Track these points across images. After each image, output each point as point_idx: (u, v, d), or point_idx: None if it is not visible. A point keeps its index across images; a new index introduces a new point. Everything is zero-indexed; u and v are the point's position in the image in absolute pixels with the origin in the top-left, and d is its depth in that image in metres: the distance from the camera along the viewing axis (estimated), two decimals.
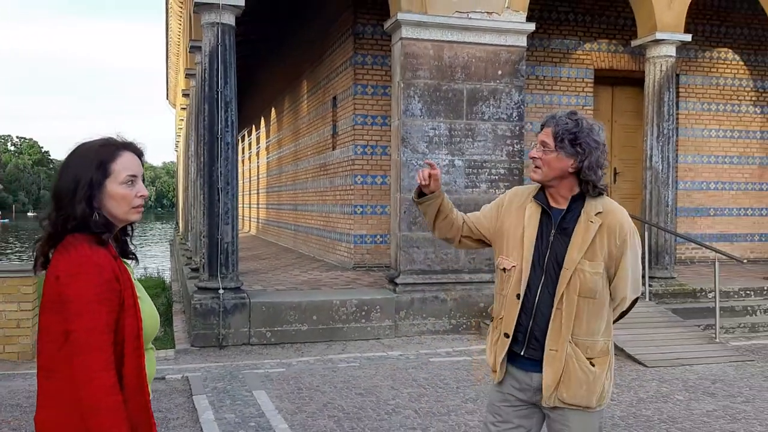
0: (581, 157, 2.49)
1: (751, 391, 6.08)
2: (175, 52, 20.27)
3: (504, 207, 2.68)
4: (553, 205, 2.59)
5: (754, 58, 12.60)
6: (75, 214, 1.96)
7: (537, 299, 2.53)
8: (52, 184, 2.09)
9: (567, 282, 2.49)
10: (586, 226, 2.51)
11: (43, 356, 1.98)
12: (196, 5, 7.83)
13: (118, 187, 2.01)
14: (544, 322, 2.52)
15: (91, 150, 2.03)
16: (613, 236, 2.51)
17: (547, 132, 2.52)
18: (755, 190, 12.78)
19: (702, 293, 9.20)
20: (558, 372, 2.49)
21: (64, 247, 1.95)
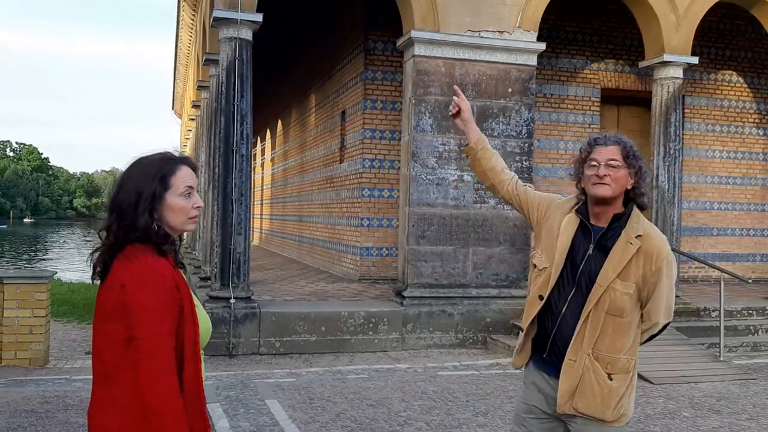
0: (639, 176, 2.60)
1: (755, 408, 6.17)
2: (184, 63, 20.46)
3: (553, 206, 2.77)
4: (593, 223, 2.65)
5: (758, 81, 12.77)
6: (138, 225, 2.04)
7: (564, 309, 2.59)
8: (111, 196, 2.15)
9: (597, 298, 2.55)
10: (625, 246, 2.57)
11: (102, 363, 2.04)
12: (215, 20, 7.98)
13: (177, 199, 2.10)
14: (567, 332, 2.58)
15: (153, 164, 2.12)
16: (650, 261, 2.55)
17: (613, 150, 2.58)
18: (758, 210, 12.91)
19: (706, 312, 9.29)
20: (574, 382, 2.56)
21: (126, 257, 2.02)
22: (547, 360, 2.66)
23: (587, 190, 2.62)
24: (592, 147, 2.63)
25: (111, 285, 2.02)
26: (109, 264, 2.06)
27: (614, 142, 2.62)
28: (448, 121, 8.52)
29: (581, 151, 2.67)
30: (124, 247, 2.04)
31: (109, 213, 2.10)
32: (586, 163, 2.62)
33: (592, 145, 2.64)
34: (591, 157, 2.61)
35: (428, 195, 8.42)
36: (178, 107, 28.75)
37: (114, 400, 2.01)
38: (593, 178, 2.58)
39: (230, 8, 7.94)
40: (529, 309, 2.69)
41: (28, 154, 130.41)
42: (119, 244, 2.05)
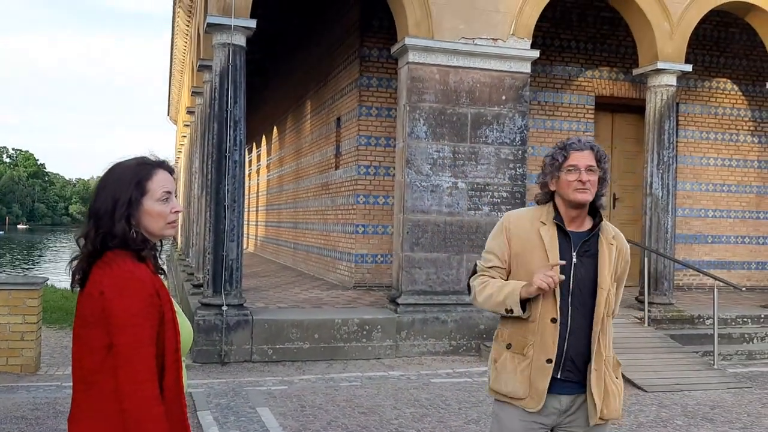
0: (604, 179, 2.65)
1: (749, 417, 6.15)
2: (179, 70, 20.46)
3: (510, 232, 2.68)
4: (572, 229, 2.64)
5: (752, 89, 12.81)
6: (115, 232, 2.01)
7: (570, 321, 2.57)
8: (88, 203, 2.13)
9: (603, 302, 2.57)
10: (609, 248, 2.62)
11: (81, 370, 2.02)
12: (208, 26, 7.97)
13: (154, 204, 2.07)
14: (580, 344, 2.57)
15: (128, 169, 2.09)
16: (622, 258, 2.68)
17: (589, 155, 2.59)
18: (752, 218, 12.92)
19: (700, 320, 9.28)
20: (601, 390, 2.58)
21: (105, 264, 2.00)
22: (561, 379, 2.59)
23: (567, 195, 2.60)
24: (568, 152, 2.61)
25: (90, 292, 2.00)
26: (87, 271, 2.04)
27: (589, 146, 2.63)
28: (442, 128, 8.52)
29: (555, 156, 2.63)
30: (102, 254, 2.02)
31: (87, 220, 2.08)
32: (563, 169, 2.60)
33: (568, 150, 2.61)
34: (570, 163, 2.59)
35: (423, 202, 8.41)
36: (173, 113, 28.73)
37: (94, 407, 1.99)
38: (576, 183, 2.57)
39: (224, 14, 7.93)
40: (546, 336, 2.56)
41: (25, 160, 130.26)
42: (97, 252, 2.03)
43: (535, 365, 2.58)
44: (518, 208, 2.82)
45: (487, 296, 2.65)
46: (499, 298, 2.60)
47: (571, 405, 2.61)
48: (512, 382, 2.62)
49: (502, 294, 2.60)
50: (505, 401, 2.65)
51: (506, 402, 2.65)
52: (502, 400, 2.67)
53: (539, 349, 2.57)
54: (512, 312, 2.57)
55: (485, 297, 2.66)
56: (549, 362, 2.56)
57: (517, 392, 2.60)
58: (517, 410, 2.62)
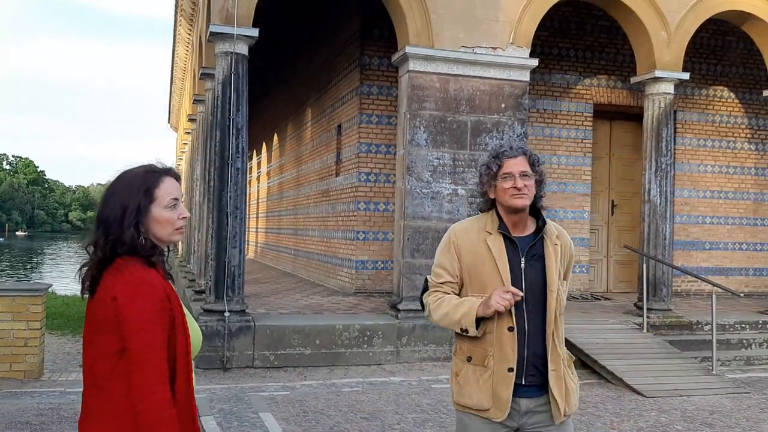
0: (541, 181, 2.71)
1: (747, 422, 6.20)
2: (180, 77, 20.56)
3: (458, 246, 2.72)
4: (516, 234, 2.70)
5: (749, 97, 12.91)
6: (124, 239, 2.06)
7: (527, 327, 2.62)
8: (97, 211, 2.17)
9: (554, 304, 2.65)
10: (554, 249, 2.69)
11: (93, 375, 2.06)
12: (211, 35, 8.06)
13: (162, 211, 2.11)
14: (538, 347, 2.63)
15: (136, 177, 2.13)
16: (566, 255, 2.76)
17: (522, 161, 2.66)
18: (750, 225, 13.00)
19: (698, 326, 9.34)
20: (563, 389, 2.65)
21: (116, 270, 2.04)
22: (524, 385, 2.64)
23: (505, 202, 2.66)
24: (501, 160, 2.68)
25: (102, 298, 2.04)
26: (97, 278, 2.07)
27: (521, 152, 2.70)
28: (442, 136, 8.60)
29: (490, 165, 2.70)
30: (112, 261, 2.06)
31: (96, 228, 2.11)
32: (498, 177, 2.66)
33: (501, 158, 2.68)
34: (504, 171, 2.65)
35: (423, 208, 8.48)
36: (174, 121, 28.82)
37: (106, 411, 2.03)
38: (511, 190, 2.63)
39: (226, 23, 8.02)
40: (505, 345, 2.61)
41: (24, 167, 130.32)
42: (107, 258, 2.06)
43: (497, 375, 2.62)
44: (462, 220, 2.83)
45: (442, 315, 2.67)
46: (455, 318, 2.64)
47: (533, 406, 2.65)
48: (476, 395, 2.65)
49: (457, 313, 2.63)
50: (470, 413, 2.68)
51: (471, 413, 2.68)
52: (467, 412, 2.70)
53: (499, 359, 2.62)
54: (467, 332, 2.62)
55: (441, 315, 2.68)
56: (510, 371, 2.60)
57: (481, 404, 2.64)
58: (482, 420, 2.66)
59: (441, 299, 2.70)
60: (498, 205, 2.70)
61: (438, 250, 2.80)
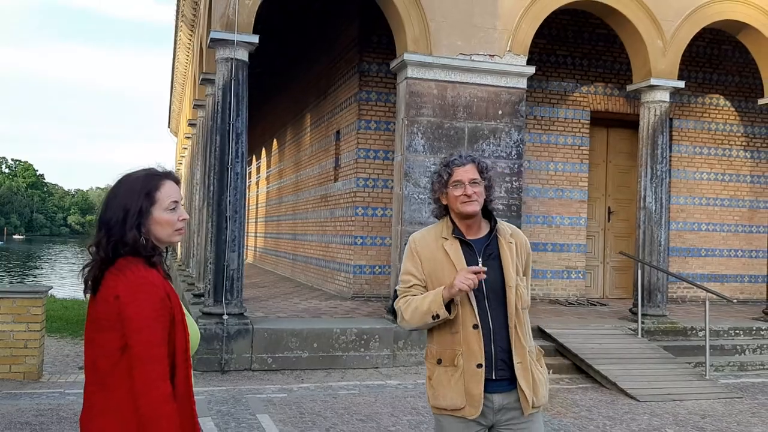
0: (490, 186, 2.85)
1: (739, 426, 6.28)
2: (180, 82, 20.68)
3: (419, 254, 2.83)
4: (471, 237, 2.82)
5: (745, 105, 13.03)
6: (127, 240, 2.14)
7: (491, 323, 2.74)
8: (99, 213, 2.24)
9: (513, 298, 2.76)
10: (509, 247, 2.82)
11: (96, 372, 2.14)
12: (212, 41, 8.16)
13: (163, 213, 2.20)
14: (504, 342, 2.75)
15: (138, 180, 2.22)
16: (523, 251, 2.87)
17: (471, 169, 2.79)
18: (745, 232, 13.10)
19: (692, 331, 9.42)
20: (530, 381, 2.75)
21: (119, 270, 2.13)
22: (496, 380, 2.74)
23: (456, 208, 2.79)
24: (451, 168, 2.80)
25: (105, 297, 2.11)
26: (100, 277, 2.15)
27: (470, 160, 2.82)
28: (440, 142, 8.70)
29: (441, 173, 2.82)
30: (115, 261, 2.14)
31: (98, 229, 2.19)
32: (449, 185, 2.79)
33: (451, 167, 2.81)
34: (455, 179, 2.78)
35: (420, 214, 8.57)
36: (173, 125, 28.94)
37: (109, 406, 2.10)
38: (462, 197, 2.76)
39: (227, 30, 8.12)
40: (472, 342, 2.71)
41: (23, 171, 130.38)
42: (110, 259, 2.14)
43: (468, 373, 2.71)
44: (421, 229, 2.94)
45: (413, 310, 2.75)
46: (423, 308, 2.71)
47: (505, 402, 2.75)
48: (450, 395, 2.74)
49: (425, 303, 2.71)
50: (446, 414, 2.77)
51: (447, 415, 2.76)
52: (443, 414, 2.78)
53: (468, 357, 2.72)
54: (439, 317, 2.69)
55: (411, 312, 2.75)
56: (479, 367, 2.71)
57: (455, 404, 2.72)
58: (458, 419, 2.74)
59: (409, 300, 2.79)
60: (451, 211, 2.84)
61: (403, 259, 2.92)
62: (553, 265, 11.92)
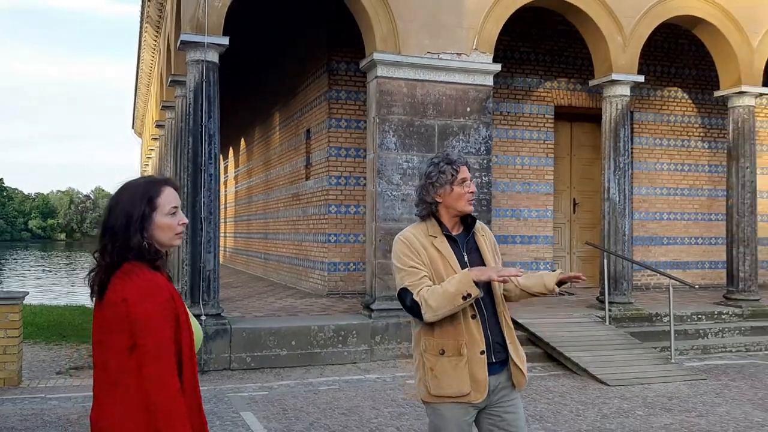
0: None
1: (704, 406, 6.59)
2: (145, 83, 20.49)
3: (415, 248, 2.95)
4: (455, 233, 3.04)
5: (702, 97, 13.47)
6: (131, 245, 2.25)
7: (485, 311, 2.95)
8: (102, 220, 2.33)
9: (497, 287, 3.01)
10: (483, 240, 3.07)
11: (107, 372, 2.24)
12: (182, 43, 8.19)
13: (164, 218, 2.31)
14: (496, 327, 2.98)
15: (139, 187, 2.33)
16: (493, 243, 3.14)
17: (465, 169, 2.97)
18: (705, 220, 13.56)
19: (657, 317, 9.78)
20: (520, 357, 3.03)
21: (125, 274, 2.23)
22: (494, 363, 2.94)
23: (459, 206, 2.95)
24: (457, 166, 2.95)
25: (112, 300, 2.21)
26: (106, 282, 2.24)
27: (464, 161, 2.99)
28: (411, 140, 8.87)
29: (445, 171, 2.93)
30: (120, 266, 2.24)
31: (102, 236, 2.28)
32: (456, 182, 2.93)
33: (456, 165, 2.95)
34: (461, 177, 2.93)
35: (394, 210, 8.74)
36: (138, 126, 28.62)
37: (120, 402, 2.21)
38: (467, 195, 2.94)
39: (197, 32, 8.16)
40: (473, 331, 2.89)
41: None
42: (115, 263, 2.24)
43: (472, 361, 2.88)
44: (403, 231, 3.06)
45: (439, 296, 2.79)
46: (451, 289, 2.78)
47: (498, 382, 2.98)
48: (455, 382, 2.87)
49: (452, 285, 2.78)
50: (448, 402, 2.89)
51: (449, 402, 2.89)
52: (444, 402, 2.91)
53: (471, 345, 2.89)
54: (470, 296, 2.76)
55: (438, 297, 2.79)
56: (482, 353, 2.90)
57: (462, 390, 2.87)
58: (459, 405, 2.89)
59: (431, 288, 2.84)
60: (442, 209, 2.97)
61: (399, 257, 2.97)
62: (521, 256, 12.20)
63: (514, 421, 2.99)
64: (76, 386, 7.16)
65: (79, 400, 6.54)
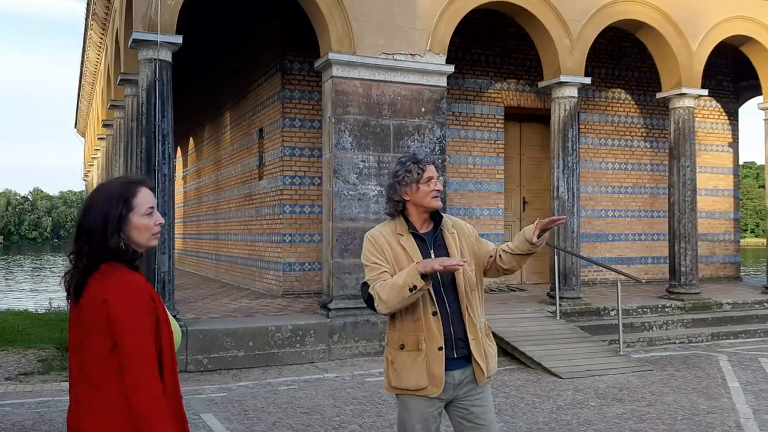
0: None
1: (653, 396, 6.87)
2: (90, 82, 19.95)
3: (380, 245, 3.06)
4: (423, 231, 3.13)
5: (644, 98, 13.96)
6: (109, 246, 2.23)
7: (448, 308, 3.04)
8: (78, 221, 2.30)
9: (462, 282, 3.06)
10: (452, 237, 3.13)
11: (85, 374, 2.22)
12: (134, 42, 8.05)
13: (140, 219, 2.30)
14: (460, 324, 3.05)
15: (115, 188, 2.32)
16: (467, 236, 3.16)
17: (432, 168, 3.09)
18: (647, 217, 14.06)
19: (605, 311, 10.11)
20: (482, 354, 3.07)
21: (103, 275, 2.21)
22: (456, 358, 3.03)
23: (426, 203, 3.07)
24: (424, 165, 3.08)
25: (91, 301, 2.20)
26: (82, 283, 2.23)
27: (431, 161, 3.12)
28: (367, 139, 8.93)
29: (411, 170, 3.05)
30: (98, 267, 2.22)
31: (78, 238, 2.26)
32: (422, 181, 3.05)
33: (423, 164, 3.08)
34: (428, 175, 3.06)
35: (350, 210, 8.78)
36: (81, 126, 27.83)
37: (102, 405, 2.20)
38: (433, 192, 3.06)
39: (150, 30, 8.04)
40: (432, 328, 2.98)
41: None
42: (93, 265, 2.22)
43: (430, 356, 2.99)
44: (372, 229, 3.17)
45: (389, 289, 2.89)
46: (399, 282, 2.88)
47: (463, 377, 3.07)
48: (413, 376, 3.00)
49: (400, 279, 2.88)
50: (410, 394, 3.03)
51: (410, 394, 3.03)
52: (406, 393, 3.05)
53: (429, 341, 2.99)
54: (417, 288, 2.84)
55: (388, 290, 2.90)
56: (440, 350, 2.98)
57: (419, 384, 2.99)
58: (421, 397, 3.02)
59: (383, 282, 2.98)
60: (411, 207, 3.09)
61: (364, 254, 3.10)
62: None
63: (482, 414, 3.10)
64: (28, 392, 6.97)
65: (32, 406, 6.38)
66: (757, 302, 11.26)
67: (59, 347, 9.66)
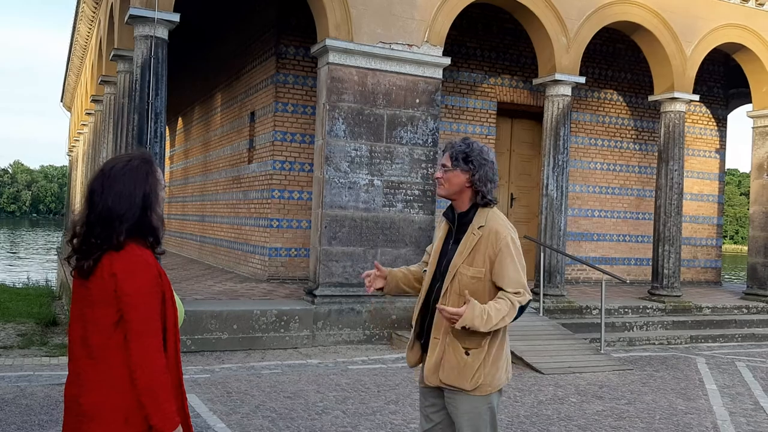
0: (473, 171, 2.99)
1: (632, 394, 6.96)
2: (79, 56, 19.69)
3: (436, 228, 3.28)
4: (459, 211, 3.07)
5: (635, 100, 14.06)
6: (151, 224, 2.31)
7: (432, 299, 3.07)
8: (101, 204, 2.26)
9: (450, 282, 2.98)
10: (470, 237, 2.97)
11: (88, 347, 2.25)
12: (130, 17, 7.96)
13: (162, 192, 2.40)
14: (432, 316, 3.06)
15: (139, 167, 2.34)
16: (491, 245, 2.92)
17: (446, 156, 3.07)
18: (633, 218, 14.19)
19: (588, 310, 10.20)
20: (438, 357, 2.95)
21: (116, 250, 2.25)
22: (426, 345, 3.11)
23: None
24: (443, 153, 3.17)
25: (100, 274, 2.23)
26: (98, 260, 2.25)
27: (449, 148, 3.09)
28: (360, 128, 8.92)
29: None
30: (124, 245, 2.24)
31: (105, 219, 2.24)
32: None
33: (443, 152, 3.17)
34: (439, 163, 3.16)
35: (340, 198, 8.78)
36: (68, 100, 27.48)
37: (105, 378, 2.22)
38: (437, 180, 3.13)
39: (147, 7, 7.95)
40: (416, 317, 3.14)
41: None
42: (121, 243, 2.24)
43: (411, 342, 3.17)
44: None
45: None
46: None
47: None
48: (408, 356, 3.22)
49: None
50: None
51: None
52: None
53: (415, 329, 3.13)
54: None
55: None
56: (418, 338, 3.12)
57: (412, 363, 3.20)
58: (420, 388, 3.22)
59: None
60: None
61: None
62: None
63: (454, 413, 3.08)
64: (8, 365, 6.92)
65: (12, 380, 6.34)
66: (736, 307, 11.42)
67: (39, 322, 9.59)
